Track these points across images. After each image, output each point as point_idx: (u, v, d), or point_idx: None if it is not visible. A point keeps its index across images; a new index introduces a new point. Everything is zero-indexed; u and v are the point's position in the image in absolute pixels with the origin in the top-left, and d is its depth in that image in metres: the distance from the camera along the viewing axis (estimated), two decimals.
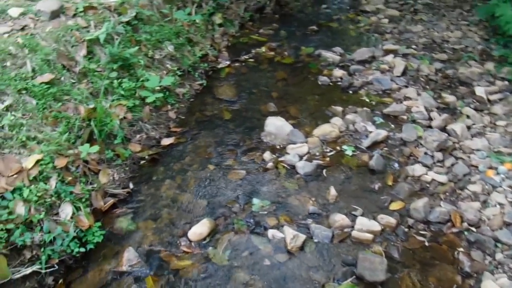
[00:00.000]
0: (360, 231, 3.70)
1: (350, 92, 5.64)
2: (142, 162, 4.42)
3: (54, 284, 3.25)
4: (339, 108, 5.20)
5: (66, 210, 3.44)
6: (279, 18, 7.79)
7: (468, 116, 5.12)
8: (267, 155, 4.52)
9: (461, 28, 7.28)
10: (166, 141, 4.69)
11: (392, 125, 4.99)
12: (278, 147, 4.68)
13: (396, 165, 4.47)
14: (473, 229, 3.79)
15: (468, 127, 4.94)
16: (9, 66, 3.80)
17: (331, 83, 5.81)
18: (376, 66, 6.10)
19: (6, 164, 3.33)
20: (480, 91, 5.50)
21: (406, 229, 3.80)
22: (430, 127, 4.91)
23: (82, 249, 3.39)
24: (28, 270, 3.07)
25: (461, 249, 3.64)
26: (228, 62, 6.23)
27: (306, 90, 5.66)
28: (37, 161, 3.46)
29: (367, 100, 5.46)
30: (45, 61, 4.06)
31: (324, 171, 4.37)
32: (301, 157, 4.49)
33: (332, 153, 4.59)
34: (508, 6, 5.92)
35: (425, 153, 4.55)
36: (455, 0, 8.38)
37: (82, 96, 4.16)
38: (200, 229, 3.68)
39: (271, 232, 3.69)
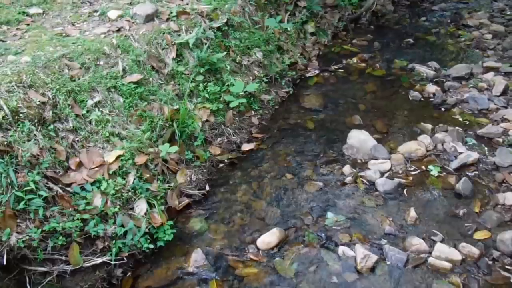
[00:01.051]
0: (438, 258, 3.38)
1: (442, 109, 5.27)
2: (220, 165, 4.42)
3: (122, 276, 3.32)
4: (429, 126, 4.87)
5: (141, 206, 3.50)
6: (374, 29, 7.57)
7: None
8: (347, 168, 4.33)
9: None
10: (246, 147, 4.66)
11: (485, 148, 4.56)
12: (359, 161, 4.47)
13: (486, 191, 4.05)
14: None
15: None
16: (102, 65, 3.97)
17: (422, 99, 5.48)
18: (473, 84, 5.64)
19: (90, 157, 3.46)
20: None
21: (490, 262, 3.39)
22: None
23: (152, 246, 3.42)
24: (99, 260, 3.16)
25: None
26: (317, 71, 6.12)
27: (395, 105, 5.39)
28: (118, 157, 3.56)
29: (460, 119, 5.06)
30: (136, 61, 4.20)
31: (406, 190, 4.08)
32: (382, 174, 4.24)
33: (416, 172, 4.29)
34: None
35: None
36: None
37: (168, 97, 4.24)
38: (269, 238, 3.58)
39: (342, 249, 3.49)
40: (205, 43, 4.78)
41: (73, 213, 3.13)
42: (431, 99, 5.46)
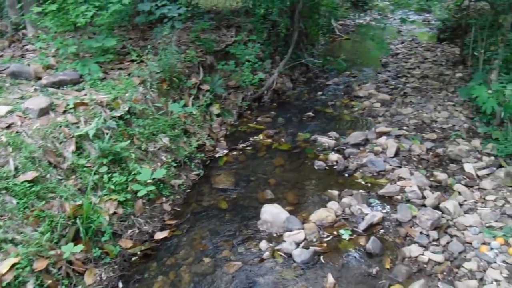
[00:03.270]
0: None
1: (346, 175, 5.40)
2: (133, 258, 4.04)
3: None
4: (335, 192, 4.94)
5: None
6: (277, 106, 7.71)
7: (459, 193, 4.93)
8: (263, 244, 4.19)
9: (447, 109, 7.16)
10: (160, 235, 4.32)
11: (388, 206, 4.74)
12: (274, 235, 4.36)
13: (393, 246, 4.17)
14: None
15: (460, 204, 4.72)
16: None
17: (327, 167, 5.57)
18: (370, 149, 5.91)
19: None
20: (469, 167, 5.35)
21: None
22: (424, 206, 4.69)
23: None
24: None
25: None
26: (226, 151, 5.99)
27: (302, 176, 5.41)
28: (13, 265, 3.09)
29: (362, 182, 5.22)
30: (30, 158, 3.81)
31: (322, 257, 4.05)
32: (298, 245, 4.17)
33: (329, 238, 4.29)
34: (483, 88, 5.92)
35: (421, 233, 4.31)
36: (440, 83, 8.40)
37: (69, 193, 3.85)
38: None
39: None
40: (107, 133, 4.51)
41: None
42: (334, 167, 5.56)
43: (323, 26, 10.91)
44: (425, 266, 3.92)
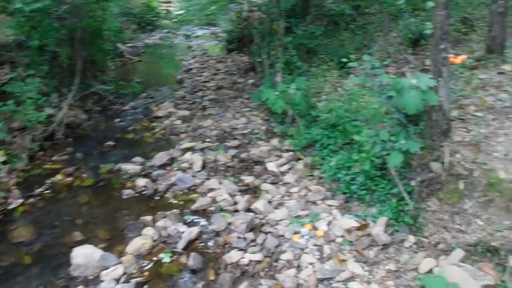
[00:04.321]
0: None
1: (157, 198, 5.50)
2: None
3: None
4: (149, 218, 4.98)
5: None
6: (73, 140, 7.39)
7: (267, 191, 5.39)
8: None
9: (245, 115, 7.83)
10: None
11: (203, 220, 4.95)
12: (91, 277, 4.22)
13: (214, 257, 4.38)
14: None
15: (269, 201, 5.18)
16: None
17: (136, 194, 5.59)
18: (177, 167, 6.11)
19: None
20: (271, 166, 5.91)
21: None
22: (237, 211, 5.02)
23: None
24: None
25: None
26: (20, 200, 5.55)
27: (112, 208, 5.34)
28: None
29: (175, 201, 5.37)
30: None
31: (146, 287, 4.06)
32: (117, 281, 4.12)
33: (149, 265, 4.32)
34: (271, 91, 6.60)
35: (238, 237, 4.59)
36: (235, 91, 9.12)
37: None
38: None
39: None
40: None
41: None
42: (144, 192, 5.60)
43: (110, 51, 10.79)
44: (247, 268, 4.19)
